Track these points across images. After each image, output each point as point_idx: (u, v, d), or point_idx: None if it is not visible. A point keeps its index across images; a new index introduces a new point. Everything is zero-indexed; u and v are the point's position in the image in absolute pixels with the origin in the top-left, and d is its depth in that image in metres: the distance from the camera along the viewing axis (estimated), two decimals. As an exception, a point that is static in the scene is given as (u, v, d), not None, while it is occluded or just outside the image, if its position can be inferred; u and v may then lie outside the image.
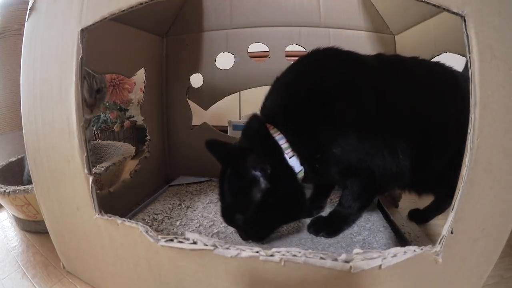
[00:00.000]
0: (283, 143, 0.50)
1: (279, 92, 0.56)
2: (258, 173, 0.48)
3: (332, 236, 0.59)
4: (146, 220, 0.66)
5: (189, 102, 0.91)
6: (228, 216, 0.53)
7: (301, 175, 0.52)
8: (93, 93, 0.76)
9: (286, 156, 0.50)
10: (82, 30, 0.42)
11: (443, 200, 0.66)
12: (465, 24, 0.32)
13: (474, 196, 0.36)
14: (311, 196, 0.70)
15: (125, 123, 1.36)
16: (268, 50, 0.84)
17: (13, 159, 0.84)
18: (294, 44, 0.83)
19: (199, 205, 0.74)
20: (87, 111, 0.76)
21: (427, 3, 0.33)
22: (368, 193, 0.58)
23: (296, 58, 0.58)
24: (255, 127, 0.51)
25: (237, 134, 1.03)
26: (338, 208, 0.61)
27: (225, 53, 0.87)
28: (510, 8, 0.33)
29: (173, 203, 0.74)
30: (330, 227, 0.60)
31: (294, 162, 0.51)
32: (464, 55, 0.34)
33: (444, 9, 0.33)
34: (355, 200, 0.58)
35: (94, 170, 0.67)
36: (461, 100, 0.45)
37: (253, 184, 0.49)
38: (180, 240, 0.39)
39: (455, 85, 0.54)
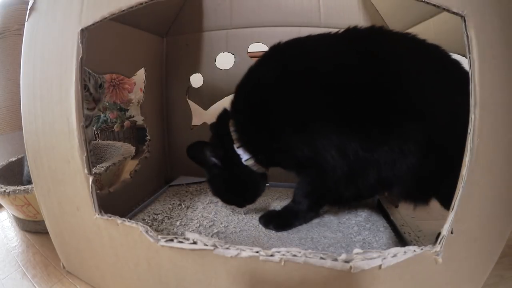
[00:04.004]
0: (234, 136, 0.59)
1: (237, 88, 0.61)
2: (213, 159, 0.61)
3: (281, 229, 0.61)
4: (146, 220, 0.66)
5: (189, 102, 0.91)
6: (212, 190, 0.66)
7: (249, 162, 0.59)
8: (97, 88, 0.78)
9: (234, 146, 0.59)
10: (82, 30, 0.42)
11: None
12: (465, 24, 0.32)
13: (474, 196, 0.36)
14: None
15: (125, 123, 1.35)
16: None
17: (13, 159, 0.84)
18: (294, 44, 0.83)
19: (199, 205, 0.74)
20: (92, 105, 0.77)
21: (427, 3, 0.33)
22: (316, 192, 0.60)
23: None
24: (218, 122, 0.64)
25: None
26: (290, 203, 0.64)
27: (225, 53, 0.87)
28: (510, 8, 0.33)
29: (173, 203, 0.74)
30: (280, 220, 0.62)
31: (241, 152, 0.59)
32: (464, 55, 0.34)
33: (444, 9, 0.33)
34: (304, 197, 0.60)
35: (94, 170, 0.67)
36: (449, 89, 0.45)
37: (214, 165, 0.61)
38: (180, 240, 0.39)
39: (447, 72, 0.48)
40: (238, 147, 0.59)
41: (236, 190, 0.63)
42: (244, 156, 0.59)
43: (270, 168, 0.64)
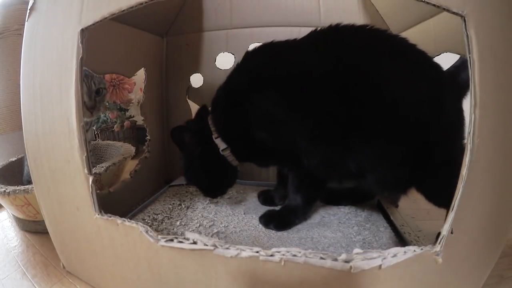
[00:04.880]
0: (212, 128, 0.63)
1: (217, 91, 0.65)
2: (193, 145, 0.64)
3: (281, 229, 0.61)
4: (146, 220, 0.66)
5: (189, 102, 0.91)
6: (187, 175, 0.69)
7: (225, 152, 0.62)
8: (92, 95, 0.74)
9: (213, 136, 0.63)
10: (82, 30, 0.42)
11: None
12: (465, 24, 0.33)
13: (474, 196, 0.36)
14: (276, 184, 0.74)
15: (125, 123, 1.35)
16: (268, 50, 0.84)
17: (13, 159, 0.84)
18: (294, 44, 0.83)
19: (199, 205, 0.74)
20: (88, 114, 0.74)
21: (427, 3, 0.33)
22: (304, 183, 0.61)
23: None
24: (198, 115, 0.68)
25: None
26: (287, 202, 0.65)
27: (225, 53, 0.87)
28: (510, 8, 0.33)
29: (173, 203, 0.74)
30: (280, 219, 0.63)
31: (219, 142, 0.62)
32: (464, 55, 0.34)
33: (444, 9, 0.33)
34: (296, 192, 0.63)
35: (94, 170, 0.67)
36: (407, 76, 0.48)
37: (194, 148, 0.65)
38: (180, 240, 0.39)
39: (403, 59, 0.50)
40: (216, 138, 0.63)
41: (210, 176, 0.67)
42: (221, 146, 0.62)
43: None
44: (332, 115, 0.51)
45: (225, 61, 0.88)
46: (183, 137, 0.65)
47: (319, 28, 0.56)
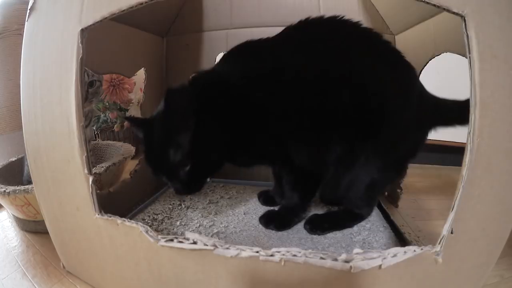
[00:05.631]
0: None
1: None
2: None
3: (282, 228, 0.61)
4: (146, 220, 0.66)
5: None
6: (161, 162, 0.55)
7: None
8: (85, 85, 0.77)
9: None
10: (82, 30, 0.42)
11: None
12: (465, 24, 0.33)
13: (474, 196, 0.36)
14: (274, 185, 0.74)
15: (125, 123, 1.35)
16: (268, 50, 0.84)
17: (13, 159, 0.84)
18: (294, 44, 0.83)
19: (199, 205, 0.74)
20: None
21: (427, 3, 0.33)
22: (300, 180, 0.61)
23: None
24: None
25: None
26: (285, 201, 0.65)
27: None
28: (510, 8, 0.33)
29: (173, 203, 0.74)
30: (280, 219, 0.62)
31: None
32: (464, 55, 0.34)
33: (444, 9, 0.33)
34: (292, 190, 0.62)
35: (94, 170, 0.67)
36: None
37: (188, 117, 0.51)
38: (180, 240, 0.39)
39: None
40: None
41: (207, 157, 0.56)
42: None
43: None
44: (321, 108, 0.53)
45: (225, 61, 0.88)
46: (183, 102, 0.51)
47: (292, 25, 0.59)
